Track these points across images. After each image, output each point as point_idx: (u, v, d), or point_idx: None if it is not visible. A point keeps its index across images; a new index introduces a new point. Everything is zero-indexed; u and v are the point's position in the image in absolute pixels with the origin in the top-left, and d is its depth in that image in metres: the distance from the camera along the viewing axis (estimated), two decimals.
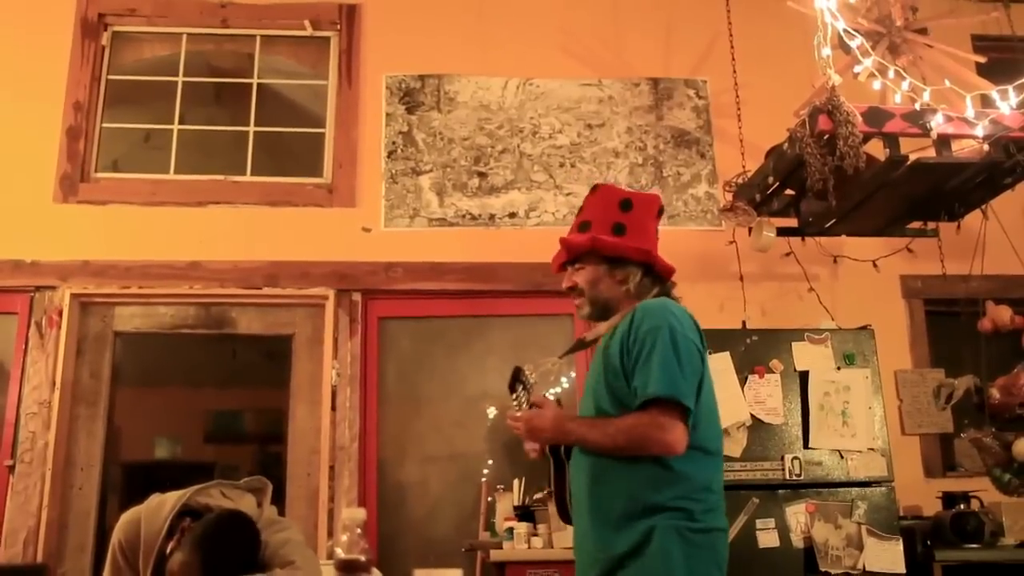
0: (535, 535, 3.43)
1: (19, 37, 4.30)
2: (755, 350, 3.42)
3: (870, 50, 3.26)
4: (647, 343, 1.99)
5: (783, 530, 3.25)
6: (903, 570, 3.22)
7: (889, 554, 3.23)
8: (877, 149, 3.26)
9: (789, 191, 3.69)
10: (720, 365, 3.35)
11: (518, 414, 2.16)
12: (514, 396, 2.18)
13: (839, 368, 3.43)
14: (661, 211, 2.29)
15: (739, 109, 4.09)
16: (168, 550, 2.11)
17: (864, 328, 3.54)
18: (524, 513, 3.56)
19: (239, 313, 4.18)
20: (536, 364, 2.25)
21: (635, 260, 2.18)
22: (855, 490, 3.32)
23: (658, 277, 2.19)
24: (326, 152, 4.37)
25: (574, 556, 2.16)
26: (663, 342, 1.98)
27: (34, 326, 3.92)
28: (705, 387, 2.05)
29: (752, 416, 3.34)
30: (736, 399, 3.33)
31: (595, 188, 2.32)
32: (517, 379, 2.19)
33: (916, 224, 3.89)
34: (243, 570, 2.06)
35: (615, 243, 2.18)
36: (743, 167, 3.90)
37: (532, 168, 4.36)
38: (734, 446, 3.29)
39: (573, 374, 4.15)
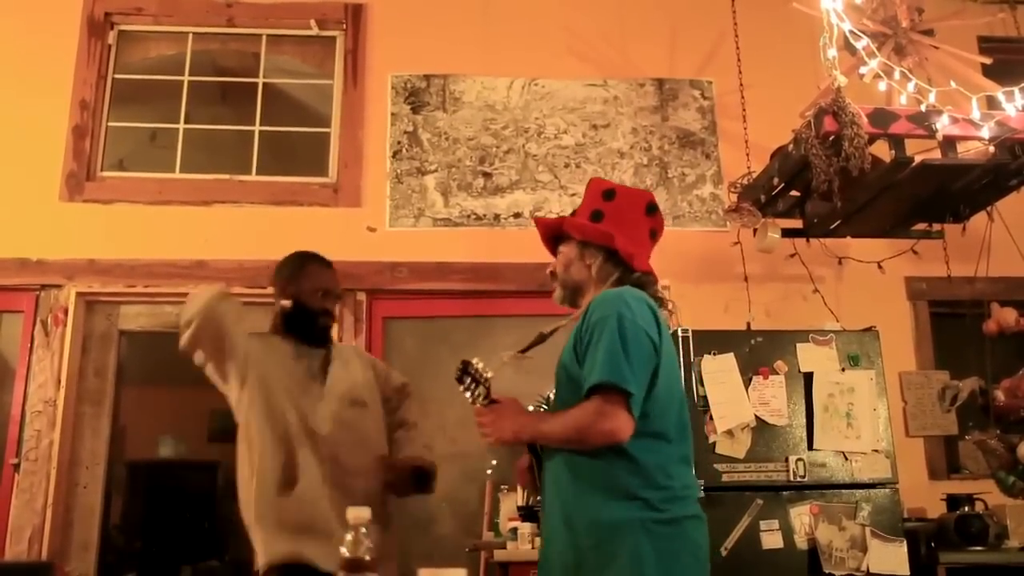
0: (539, 535, 3.42)
1: (25, 36, 4.31)
2: (759, 351, 3.41)
3: (876, 51, 3.26)
4: (595, 332, 2.00)
5: (787, 531, 3.24)
6: (907, 572, 3.21)
7: (893, 556, 3.23)
8: (882, 150, 3.26)
9: (794, 192, 3.68)
10: (724, 366, 3.35)
11: (482, 409, 2.11)
12: (462, 388, 2.12)
13: (843, 370, 3.42)
14: (652, 207, 2.26)
15: (744, 110, 4.08)
16: None
17: (869, 330, 3.53)
18: (528, 513, 3.55)
19: (244, 313, 4.17)
20: (492, 359, 2.21)
21: (598, 243, 2.18)
22: (859, 492, 3.31)
23: (621, 262, 2.17)
24: (331, 152, 4.38)
25: (539, 550, 2.15)
26: (610, 330, 1.98)
27: (39, 325, 3.92)
28: (662, 374, 2.04)
29: (756, 417, 3.33)
30: (740, 400, 3.33)
31: (588, 182, 2.36)
32: (465, 372, 2.13)
33: (921, 226, 3.89)
34: None
35: (581, 224, 2.21)
36: (748, 168, 3.90)
37: (537, 168, 4.36)
38: (738, 447, 3.29)
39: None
